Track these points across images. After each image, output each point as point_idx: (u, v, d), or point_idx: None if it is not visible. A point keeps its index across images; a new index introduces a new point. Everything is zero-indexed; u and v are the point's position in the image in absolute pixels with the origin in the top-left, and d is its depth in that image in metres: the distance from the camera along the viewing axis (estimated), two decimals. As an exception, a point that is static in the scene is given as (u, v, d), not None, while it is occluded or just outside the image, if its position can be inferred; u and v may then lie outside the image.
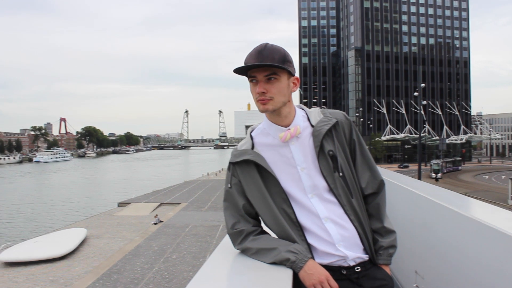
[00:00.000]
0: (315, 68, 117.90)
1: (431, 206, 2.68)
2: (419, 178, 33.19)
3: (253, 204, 1.71)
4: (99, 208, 35.10)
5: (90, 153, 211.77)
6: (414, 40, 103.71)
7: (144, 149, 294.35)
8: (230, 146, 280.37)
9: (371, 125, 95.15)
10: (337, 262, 1.63)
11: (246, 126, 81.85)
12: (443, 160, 67.13)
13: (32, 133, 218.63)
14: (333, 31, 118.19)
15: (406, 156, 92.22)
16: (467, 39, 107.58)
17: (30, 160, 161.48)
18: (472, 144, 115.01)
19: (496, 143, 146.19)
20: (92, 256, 16.48)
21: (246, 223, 1.71)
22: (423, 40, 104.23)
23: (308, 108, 1.81)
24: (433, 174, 57.83)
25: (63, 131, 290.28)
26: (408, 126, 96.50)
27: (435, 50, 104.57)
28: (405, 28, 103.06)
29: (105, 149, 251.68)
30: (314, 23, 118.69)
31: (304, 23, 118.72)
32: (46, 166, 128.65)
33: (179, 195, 33.74)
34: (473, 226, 2.05)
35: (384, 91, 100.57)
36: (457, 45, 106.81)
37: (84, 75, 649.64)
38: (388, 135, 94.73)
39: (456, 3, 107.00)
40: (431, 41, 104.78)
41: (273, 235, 1.71)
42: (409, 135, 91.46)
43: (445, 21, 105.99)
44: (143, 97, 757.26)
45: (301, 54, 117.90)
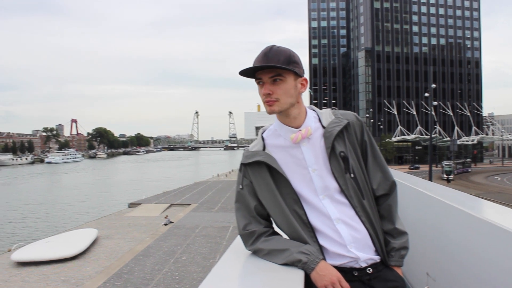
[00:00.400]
0: (325, 69, 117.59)
1: (442, 207, 2.66)
2: (430, 180, 32.97)
3: (264, 205, 1.71)
4: (110, 209, 35.28)
5: (100, 154, 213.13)
6: (424, 40, 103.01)
7: (155, 150, 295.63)
8: (240, 147, 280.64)
9: (381, 126, 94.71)
10: (349, 264, 1.63)
11: (256, 127, 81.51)
12: (454, 162, 66.54)
13: (44, 134, 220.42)
14: (343, 32, 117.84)
15: (416, 157, 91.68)
16: (479, 39, 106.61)
17: (42, 161, 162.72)
18: (484, 145, 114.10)
19: (508, 144, 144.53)
20: (103, 257, 16.55)
21: (257, 224, 1.72)
22: (433, 41, 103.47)
23: (319, 109, 1.81)
24: (445, 175, 57.19)
25: (74, 132, 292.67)
26: (419, 127, 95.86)
27: (446, 50, 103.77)
28: (415, 29, 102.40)
29: (116, 150, 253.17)
30: (324, 24, 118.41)
31: (314, 24, 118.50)
32: (57, 166, 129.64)
33: (189, 196, 33.78)
34: (486, 227, 2.04)
35: (395, 92, 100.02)
36: (468, 45, 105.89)
37: (94, 76, 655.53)
38: (398, 136, 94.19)
39: (467, 3, 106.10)
40: (442, 41, 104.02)
41: (284, 236, 1.71)
42: (419, 136, 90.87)
43: (456, 21, 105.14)
44: (153, 98, 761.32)
45: (311, 55, 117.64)
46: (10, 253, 16.88)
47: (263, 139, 1.75)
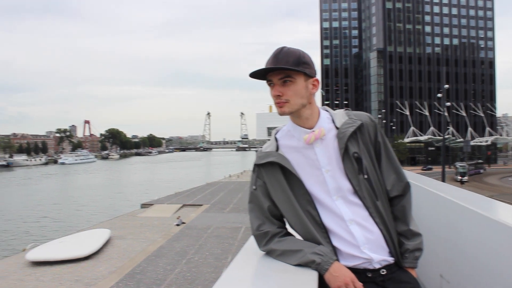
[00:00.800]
0: (337, 69, 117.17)
1: (456, 208, 2.64)
2: (443, 181, 32.69)
3: (278, 206, 1.71)
4: (123, 209, 35.48)
5: (113, 155, 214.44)
6: (437, 40, 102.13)
7: (167, 151, 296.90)
8: (252, 148, 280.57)
9: (393, 127, 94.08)
10: (362, 265, 1.63)
11: (268, 128, 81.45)
12: (467, 163, 65.82)
13: (57, 135, 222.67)
14: (355, 33, 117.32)
15: (429, 158, 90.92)
16: (492, 39, 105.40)
17: (55, 161, 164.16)
18: (498, 146, 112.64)
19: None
20: (116, 257, 16.65)
21: (271, 225, 1.72)
22: (446, 41, 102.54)
23: (332, 110, 1.81)
24: (459, 177, 56.42)
25: (87, 133, 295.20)
26: (432, 128, 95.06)
27: (459, 50, 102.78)
28: (428, 29, 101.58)
29: (128, 151, 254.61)
30: (335, 24, 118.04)
31: (326, 24, 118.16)
32: (70, 167, 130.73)
33: (201, 197, 33.86)
34: (500, 229, 2.02)
35: (407, 93, 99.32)
36: (482, 46, 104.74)
37: (107, 77, 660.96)
38: (411, 137, 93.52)
39: (480, 3, 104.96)
40: (455, 41, 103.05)
41: (298, 237, 1.72)
42: (432, 137, 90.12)
43: (470, 21, 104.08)
44: (165, 99, 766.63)
45: (323, 56, 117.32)
46: (25, 253, 17.06)
47: (276, 139, 1.75)
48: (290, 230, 1.76)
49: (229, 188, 40.58)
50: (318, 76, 1.73)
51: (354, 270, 1.59)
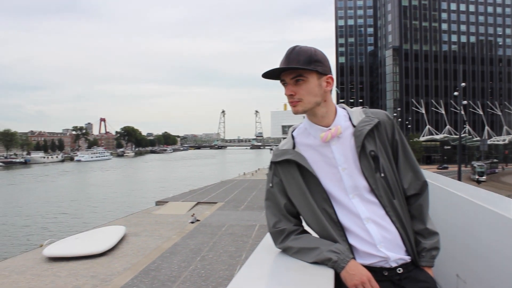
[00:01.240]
0: (352, 67, 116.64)
1: (474, 208, 2.62)
2: (459, 180, 32.35)
3: (294, 204, 1.72)
4: (138, 206, 35.75)
5: (128, 153, 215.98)
6: (454, 38, 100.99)
7: (182, 148, 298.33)
8: (266, 146, 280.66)
9: (409, 126, 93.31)
10: (379, 263, 1.63)
11: (282, 126, 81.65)
12: (485, 162, 64.90)
13: (74, 133, 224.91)
14: (370, 30, 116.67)
15: (445, 157, 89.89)
16: (511, 36, 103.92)
17: (72, 159, 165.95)
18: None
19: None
20: (131, 253, 16.78)
21: (287, 222, 1.72)
22: (463, 38, 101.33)
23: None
24: (477, 176, 55.53)
25: (103, 131, 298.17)
26: (448, 126, 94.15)
27: (477, 48, 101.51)
28: (444, 26, 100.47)
29: (143, 149, 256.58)
30: (351, 22, 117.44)
31: (341, 22, 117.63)
32: (86, 164, 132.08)
33: (216, 195, 33.94)
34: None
35: (423, 91, 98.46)
36: (500, 43, 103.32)
37: (123, 76, 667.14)
38: (426, 135, 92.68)
39: None
40: (472, 39, 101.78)
41: (314, 234, 1.72)
42: (448, 135, 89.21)
43: (487, 18, 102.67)
44: (180, 97, 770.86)
45: (338, 54, 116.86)
46: (42, 249, 17.28)
47: (293, 137, 1.75)
48: (306, 227, 1.76)
49: (244, 186, 40.62)
50: (333, 74, 1.73)
51: (370, 268, 1.59)
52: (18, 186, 65.83)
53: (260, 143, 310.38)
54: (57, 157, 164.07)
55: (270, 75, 1.65)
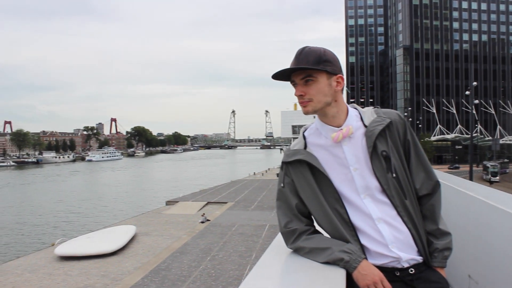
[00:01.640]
0: (362, 67, 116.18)
1: (486, 208, 2.60)
2: (470, 180, 32.07)
3: (306, 204, 1.71)
4: (148, 206, 35.96)
5: (139, 153, 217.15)
6: (465, 37, 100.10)
7: (192, 148, 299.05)
8: (276, 146, 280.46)
9: (420, 125, 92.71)
10: (391, 264, 1.62)
11: (292, 126, 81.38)
12: (497, 162, 64.08)
13: (85, 133, 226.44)
14: (380, 30, 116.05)
15: (456, 157, 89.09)
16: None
17: (83, 158, 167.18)
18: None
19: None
20: (141, 253, 16.88)
21: (299, 222, 1.72)
22: (475, 37, 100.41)
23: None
24: (490, 176, 54.67)
25: (113, 131, 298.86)
26: (459, 126, 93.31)
27: (488, 47, 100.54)
28: (456, 25, 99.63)
29: (154, 149, 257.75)
30: (361, 21, 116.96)
31: (351, 22, 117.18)
32: (97, 164, 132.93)
33: (226, 195, 34.02)
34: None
35: (434, 90, 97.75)
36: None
37: (133, 76, 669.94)
38: (437, 135, 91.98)
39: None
40: (484, 37, 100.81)
41: (325, 234, 1.71)
42: (459, 135, 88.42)
43: (500, 16, 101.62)
44: (190, 97, 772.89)
45: (348, 54, 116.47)
46: (54, 248, 17.47)
47: (304, 137, 1.75)
48: (317, 228, 1.76)
49: (254, 186, 40.66)
50: (344, 73, 1.73)
51: (382, 268, 1.58)
52: (30, 186, 66.47)
53: (270, 143, 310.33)
54: (68, 157, 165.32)
55: (280, 76, 1.66)
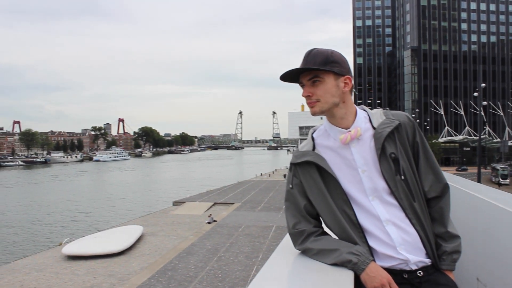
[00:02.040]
0: (370, 68, 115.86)
1: (495, 211, 2.58)
2: (478, 182, 31.89)
3: (314, 205, 1.71)
4: (155, 206, 36.06)
5: (146, 153, 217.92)
6: (474, 38, 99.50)
7: (199, 149, 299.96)
8: (284, 147, 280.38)
9: (427, 127, 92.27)
10: (399, 266, 1.62)
11: (299, 127, 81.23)
12: (506, 164, 63.48)
13: (93, 133, 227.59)
14: (388, 31, 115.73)
15: (464, 159, 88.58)
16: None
17: (91, 159, 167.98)
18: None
19: None
20: (148, 253, 16.91)
21: (307, 224, 1.72)
22: (483, 38, 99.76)
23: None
24: (500, 179, 54.09)
25: (121, 131, 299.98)
26: (467, 127, 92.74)
27: (497, 48, 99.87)
28: (464, 26, 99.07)
29: (161, 149, 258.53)
30: (369, 22, 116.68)
31: (359, 23, 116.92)
32: (105, 164, 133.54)
33: (233, 195, 34.01)
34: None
35: (442, 92, 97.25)
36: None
37: (141, 77, 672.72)
38: (445, 137, 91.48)
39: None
40: (493, 38, 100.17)
41: (333, 236, 1.71)
42: (468, 137, 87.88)
43: (508, 17, 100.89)
44: (198, 98, 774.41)
45: (356, 55, 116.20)
46: (61, 247, 17.55)
47: (313, 139, 1.76)
48: (326, 229, 1.76)
49: (260, 187, 40.63)
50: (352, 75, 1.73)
51: (390, 271, 1.58)
52: (38, 185, 66.89)
53: (277, 144, 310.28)
54: (76, 156, 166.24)
55: (288, 78, 1.67)
